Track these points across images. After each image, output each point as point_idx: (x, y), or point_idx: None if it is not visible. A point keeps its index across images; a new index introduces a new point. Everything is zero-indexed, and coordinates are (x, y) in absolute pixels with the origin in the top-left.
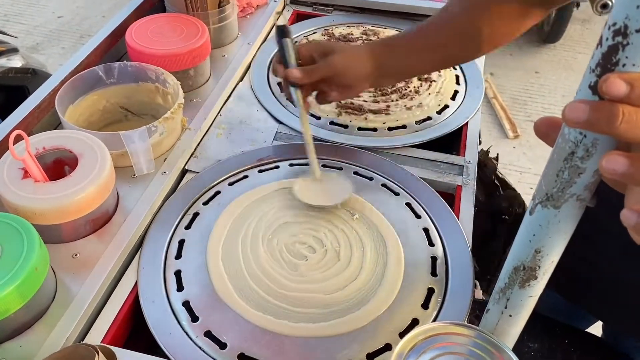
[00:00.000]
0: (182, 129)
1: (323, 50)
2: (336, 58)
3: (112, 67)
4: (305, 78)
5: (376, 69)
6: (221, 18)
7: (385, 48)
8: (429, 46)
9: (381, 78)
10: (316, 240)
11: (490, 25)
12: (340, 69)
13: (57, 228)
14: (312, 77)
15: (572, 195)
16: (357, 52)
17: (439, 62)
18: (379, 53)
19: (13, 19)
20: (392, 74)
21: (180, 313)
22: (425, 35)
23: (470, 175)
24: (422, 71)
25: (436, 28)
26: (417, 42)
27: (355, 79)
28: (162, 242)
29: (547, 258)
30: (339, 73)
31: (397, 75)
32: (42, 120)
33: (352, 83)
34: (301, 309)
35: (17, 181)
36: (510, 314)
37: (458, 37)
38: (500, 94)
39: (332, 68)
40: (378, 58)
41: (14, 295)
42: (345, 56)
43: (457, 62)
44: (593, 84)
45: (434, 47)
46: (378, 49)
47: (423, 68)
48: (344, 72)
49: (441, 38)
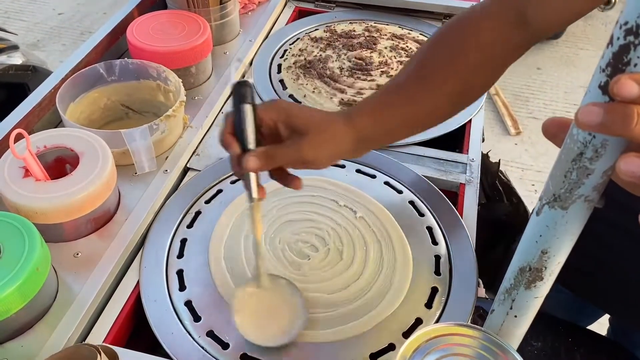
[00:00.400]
0: (184, 126)
1: (291, 123)
2: (306, 144)
3: (113, 65)
4: (265, 166)
5: (357, 144)
6: (223, 15)
7: (369, 121)
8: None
9: (360, 152)
10: (319, 239)
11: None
12: (312, 157)
13: (58, 227)
14: (274, 164)
15: (580, 196)
16: (333, 131)
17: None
18: (363, 128)
19: (14, 16)
20: (375, 145)
21: (183, 313)
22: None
23: (474, 173)
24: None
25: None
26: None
27: (328, 162)
28: (164, 241)
29: (554, 259)
30: (310, 161)
31: (380, 144)
32: (43, 119)
33: (322, 166)
34: None
35: (18, 180)
36: (516, 315)
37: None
38: (502, 90)
39: (301, 156)
40: (360, 134)
41: (15, 295)
42: (320, 139)
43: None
44: (603, 83)
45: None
46: (361, 122)
47: (406, 134)
48: (315, 159)
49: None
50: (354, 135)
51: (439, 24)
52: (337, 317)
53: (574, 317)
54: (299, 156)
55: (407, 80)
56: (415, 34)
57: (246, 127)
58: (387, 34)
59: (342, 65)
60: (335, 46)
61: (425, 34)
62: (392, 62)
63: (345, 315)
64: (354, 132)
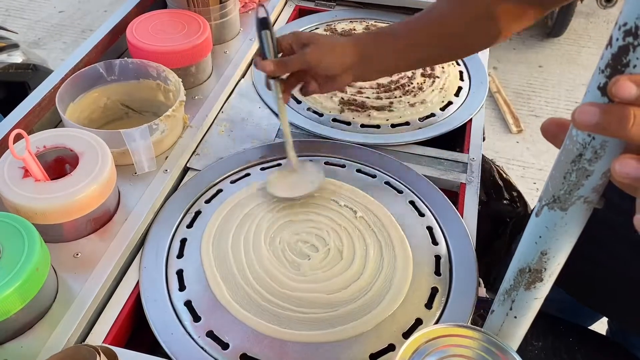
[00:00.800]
0: (184, 126)
1: (301, 41)
2: (311, 49)
3: (112, 64)
4: (278, 70)
5: (359, 60)
6: (223, 14)
7: (371, 40)
8: (416, 44)
9: (365, 71)
10: (319, 239)
11: (481, 26)
12: (315, 61)
13: (58, 227)
14: (286, 69)
15: (579, 197)
16: (337, 43)
17: (426, 60)
18: (364, 44)
19: (14, 14)
20: (377, 68)
21: (182, 313)
22: (414, 33)
23: (474, 173)
24: (408, 67)
25: (425, 26)
26: (405, 38)
27: (334, 70)
28: (163, 241)
29: (554, 260)
30: (314, 64)
31: (381, 68)
32: (42, 118)
33: (330, 74)
34: (304, 309)
35: (18, 180)
36: (516, 316)
37: (447, 37)
38: (503, 88)
39: (306, 59)
40: (362, 49)
41: (14, 296)
42: (321, 47)
43: (446, 61)
44: (602, 85)
45: (422, 45)
46: (363, 40)
47: (408, 65)
48: (319, 63)
49: (431, 38)
50: (355, 49)
51: None
52: (337, 317)
53: (574, 318)
54: (304, 60)
55: (418, 21)
56: None
57: (267, 47)
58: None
59: None
60: None
61: None
62: None
63: (345, 316)
64: (355, 46)
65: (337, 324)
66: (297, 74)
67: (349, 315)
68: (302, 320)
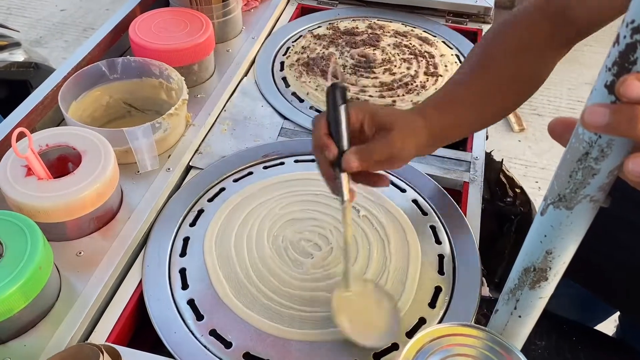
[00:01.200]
0: (186, 124)
1: (377, 121)
2: (396, 137)
3: (115, 63)
4: (364, 164)
5: (429, 139)
6: (225, 12)
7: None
8: (478, 101)
9: (431, 147)
10: (322, 238)
11: (532, 68)
12: (399, 150)
13: (61, 226)
14: (370, 162)
15: (585, 196)
16: (414, 125)
17: (491, 117)
18: (434, 121)
19: (16, 12)
20: (442, 142)
21: (185, 311)
22: (474, 88)
23: (478, 172)
24: (473, 130)
25: (482, 78)
26: (466, 108)
27: (411, 155)
28: (166, 239)
29: (559, 259)
30: (397, 154)
31: (446, 141)
32: (45, 117)
33: (405, 160)
34: (307, 307)
35: (21, 179)
36: (520, 315)
37: (507, 84)
38: None
39: (392, 150)
40: (432, 127)
41: (17, 294)
42: (404, 133)
43: (509, 111)
44: (609, 83)
45: (485, 99)
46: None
47: (474, 127)
48: (401, 151)
49: (492, 87)
50: (429, 129)
51: (442, 20)
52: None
53: (583, 314)
54: (390, 151)
55: (471, 74)
56: (419, 31)
57: (342, 128)
58: (390, 31)
59: (345, 62)
60: (338, 43)
61: (428, 31)
62: (395, 59)
63: None
64: (429, 125)
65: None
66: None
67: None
68: (305, 319)
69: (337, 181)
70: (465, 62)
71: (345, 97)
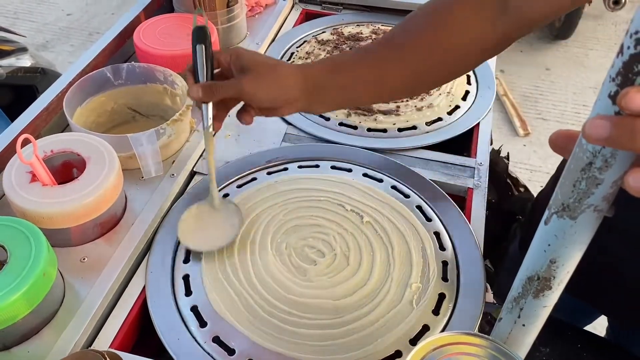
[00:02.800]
0: (191, 130)
1: (241, 63)
2: (248, 77)
3: (120, 68)
4: (205, 97)
5: (310, 93)
6: (230, 18)
7: (328, 69)
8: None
9: (314, 103)
10: (325, 245)
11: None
12: (251, 91)
13: (65, 232)
14: (214, 96)
15: (589, 206)
16: (282, 73)
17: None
18: (318, 75)
19: (23, 17)
20: (331, 100)
21: (189, 318)
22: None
23: (482, 178)
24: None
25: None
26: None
27: (272, 103)
28: (170, 245)
29: (563, 268)
30: (249, 95)
31: (338, 102)
32: (50, 122)
33: (267, 106)
34: (310, 314)
35: (25, 185)
36: (524, 324)
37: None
38: (510, 91)
39: (241, 89)
40: (315, 81)
41: (21, 301)
42: (261, 76)
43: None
44: (613, 93)
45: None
46: (318, 69)
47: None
48: (254, 94)
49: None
50: (302, 80)
51: None
52: (344, 323)
53: (571, 316)
54: (238, 89)
55: (376, 45)
56: None
57: (198, 64)
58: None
59: None
60: (343, 49)
61: None
62: None
63: (351, 322)
64: (302, 77)
65: (343, 330)
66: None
67: (356, 321)
68: (309, 326)
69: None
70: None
71: (205, 37)
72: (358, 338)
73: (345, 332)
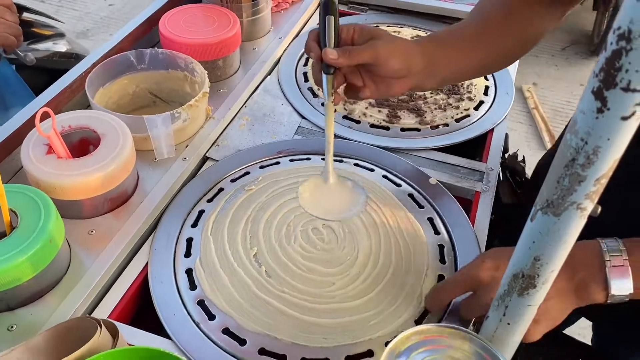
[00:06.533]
0: (207, 117)
1: (367, 34)
2: (382, 44)
3: (143, 53)
4: (343, 60)
5: (425, 67)
6: (254, 11)
7: (436, 44)
8: (475, 49)
9: (427, 78)
10: (327, 229)
11: (526, 27)
12: (384, 57)
13: (76, 204)
14: (352, 60)
15: (572, 203)
16: (407, 45)
17: (484, 67)
18: (431, 50)
19: (67, 5)
20: (440, 75)
21: (187, 296)
22: (470, 37)
23: (491, 182)
24: (469, 75)
25: (477, 30)
26: (465, 44)
27: (400, 72)
28: (176, 225)
29: (547, 267)
30: (382, 61)
31: (444, 77)
32: (73, 101)
33: (394, 76)
34: (306, 296)
35: (42, 157)
36: (509, 322)
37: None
38: (542, 104)
39: (375, 54)
40: (429, 55)
41: (26, 264)
42: (392, 43)
43: (498, 68)
44: (596, 89)
45: (480, 49)
46: (429, 45)
47: (470, 72)
48: (387, 61)
49: (485, 40)
50: (421, 54)
51: None
52: (350, 309)
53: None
54: (373, 53)
55: (466, 21)
56: None
57: (329, 34)
58: (416, 38)
59: None
60: None
61: None
62: None
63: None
64: (420, 51)
65: (347, 312)
66: (354, 73)
67: (351, 314)
68: (318, 310)
69: (322, 82)
70: (466, 20)
71: (335, 9)
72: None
73: (336, 323)
